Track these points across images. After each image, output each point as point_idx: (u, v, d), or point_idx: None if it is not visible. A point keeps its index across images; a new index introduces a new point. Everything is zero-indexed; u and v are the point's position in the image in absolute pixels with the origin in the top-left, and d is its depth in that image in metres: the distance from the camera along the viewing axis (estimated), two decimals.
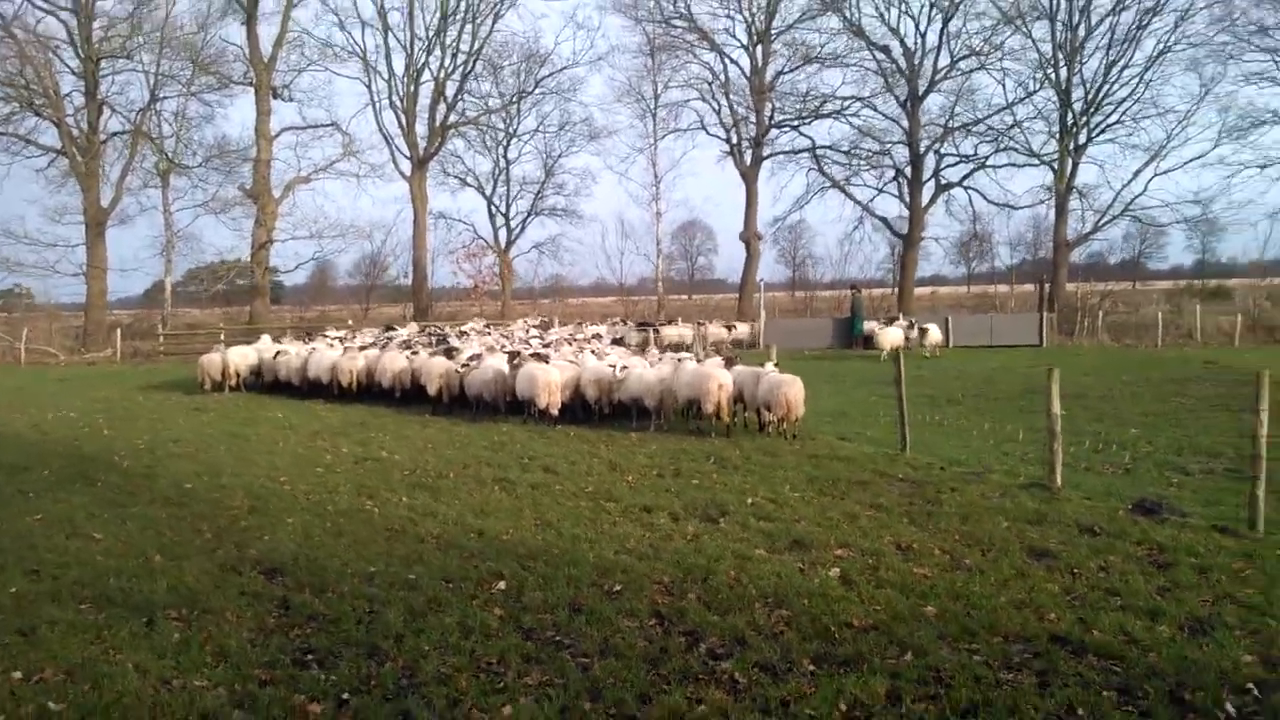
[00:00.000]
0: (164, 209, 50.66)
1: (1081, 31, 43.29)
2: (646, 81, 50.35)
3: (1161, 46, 42.04)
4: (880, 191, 50.48)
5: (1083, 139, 43.88)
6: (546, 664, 5.84)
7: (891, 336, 32.14)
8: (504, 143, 52.99)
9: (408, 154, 48.01)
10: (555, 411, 16.98)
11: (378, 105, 47.90)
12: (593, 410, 17.32)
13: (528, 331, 29.36)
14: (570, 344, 23.62)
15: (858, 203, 50.65)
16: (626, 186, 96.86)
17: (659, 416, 16.48)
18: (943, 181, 49.53)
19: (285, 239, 46.86)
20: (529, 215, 53.77)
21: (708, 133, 49.24)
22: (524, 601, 7.00)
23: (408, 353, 21.49)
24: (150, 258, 54.16)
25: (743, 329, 38.02)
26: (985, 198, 49.18)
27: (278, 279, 53.23)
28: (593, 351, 20.69)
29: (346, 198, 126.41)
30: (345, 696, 5.43)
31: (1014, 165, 47.65)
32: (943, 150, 48.62)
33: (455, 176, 53.30)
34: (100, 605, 7.09)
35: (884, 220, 50.58)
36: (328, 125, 47.43)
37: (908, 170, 48.10)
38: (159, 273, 51.10)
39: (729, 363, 16.85)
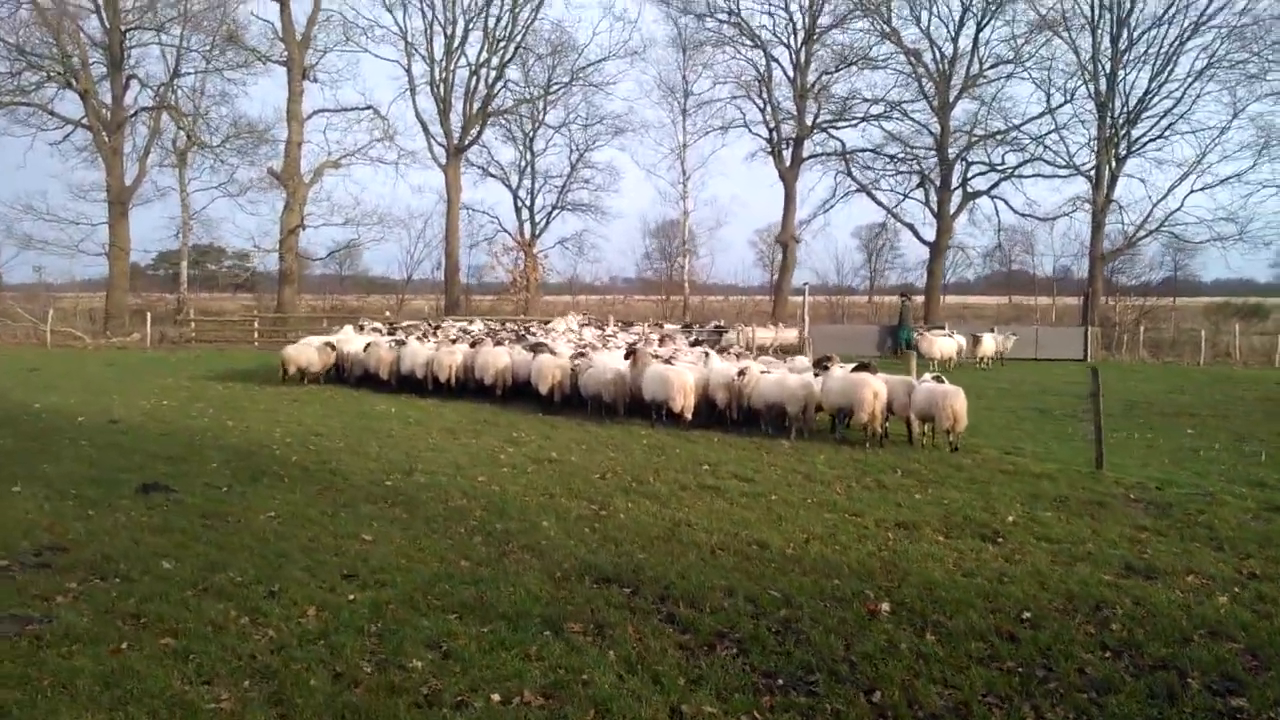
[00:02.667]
0: (180, 190, 49.86)
1: (1123, 44, 43.32)
2: (679, 76, 50.04)
3: (1200, 64, 42.17)
4: (906, 197, 50.52)
5: (1123, 151, 43.87)
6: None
7: (943, 346, 31.87)
8: (530, 134, 52.48)
9: (442, 141, 47.33)
10: (689, 415, 16.65)
11: (415, 89, 47.12)
12: (720, 415, 16.97)
13: (579, 329, 28.88)
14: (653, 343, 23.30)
15: (885, 208, 50.69)
16: (655, 184, 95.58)
17: (797, 425, 16.15)
18: (969, 190, 49.63)
19: (318, 224, 45.89)
20: (555, 209, 53.33)
21: (750, 131, 48.99)
22: (950, 628, 6.65)
23: (493, 348, 21.11)
24: (166, 239, 52.65)
25: (788, 333, 37.74)
26: (1011, 208, 49.37)
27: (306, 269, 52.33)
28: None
29: (373, 186, 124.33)
30: None
31: (1041, 176, 47.83)
32: (970, 159, 48.68)
33: (477, 166, 52.74)
34: (473, 615, 6.68)
35: (910, 226, 50.55)
36: (364, 108, 46.60)
37: (936, 177, 48.13)
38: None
39: (865, 368, 16.59)
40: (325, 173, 46.29)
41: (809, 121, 47.63)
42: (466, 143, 48.14)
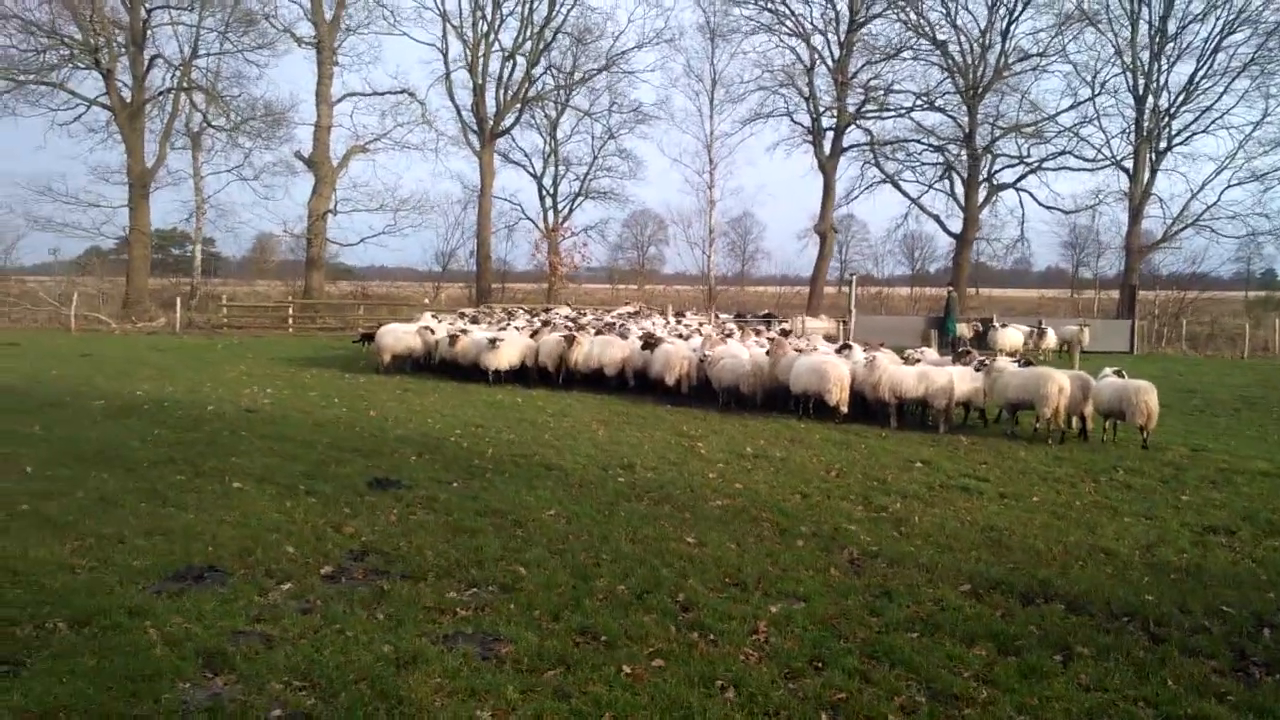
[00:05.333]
0: (194, 174, 48.62)
1: (1159, 38, 43.20)
2: (708, 65, 49.35)
3: (1239, 61, 42.12)
4: (930, 188, 50.26)
5: (1162, 144, 43.80)
6: None
7: (1012, 338, 31.58)
8: (555, 120, 51.58)
9: (475, 127, 46.29)
10: (845, 409, 16.13)
11: (450, 72, 46.03)
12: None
13: (628, 319, 28.17)
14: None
15: (910, 199, 50.34)
16: (683, 173, 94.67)
17: (944, 419, 15.66)
18: (996, 183, 49.50)
19: (349, 209, 44.75)
20: (578, 197, 52.50)
21: (792, 119, 48.31)
22: None
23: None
24: (181, 221, 51.24)
25: (828, 324, 37.29)
26: (1037, 200, 49.26)
27: (337, 258, 51.19)
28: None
29: (398, 172, 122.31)
30: None
31: (1069, 169, 47.77)
32: (996, 151, 48.48)
33: (499, 153, 51.76)
34: (986, 642, 6.12)
35: (936, 218, 50.32)
36: (399, 92, 45.41)
37: (963, 169, 47.92)
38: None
39: (1030, 364, 16.16)
40: (353, 158, 45.09)
41: (851, 110, 47.14)
42: (502, 128, 47.13)
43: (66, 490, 9.59)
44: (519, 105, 47.48)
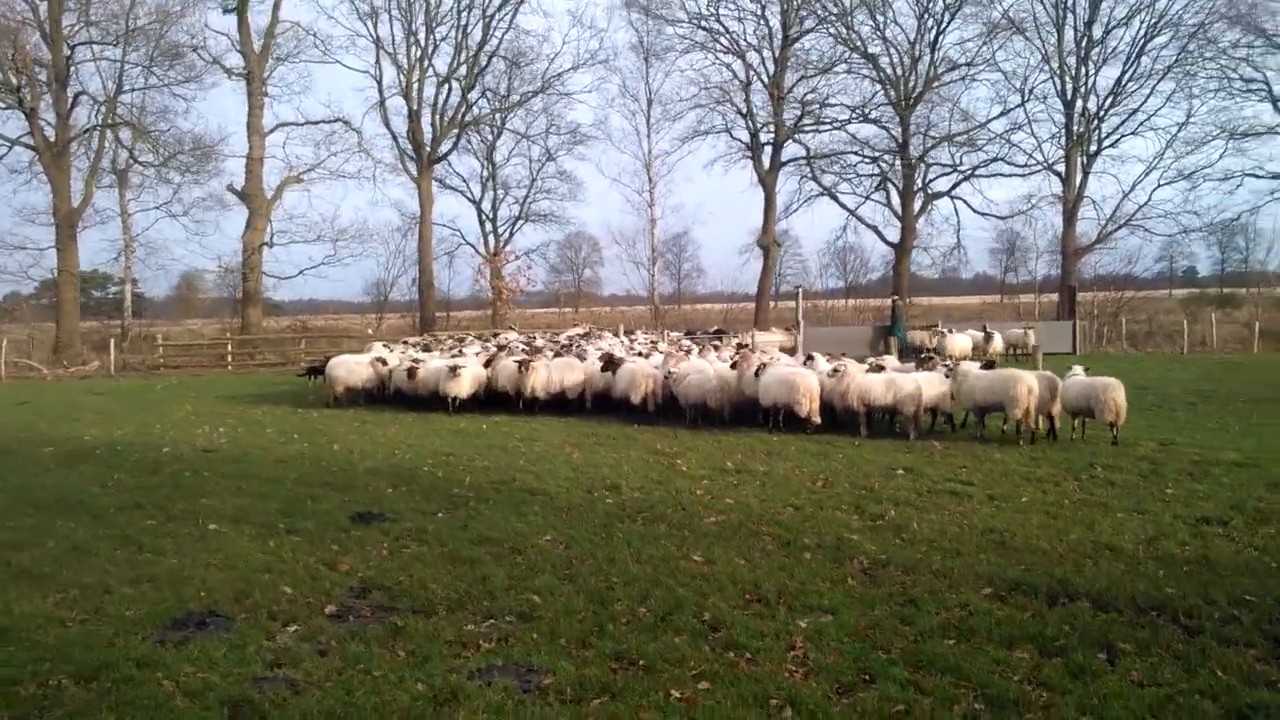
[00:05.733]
0: (121, 211, 47.60)
1: (1085, 43, 44.34)
2: (643, 84, 49.57)
3: (1162, 64, 43.39)
4: (867, 199, 50.87)
5: (1092, 147, 44.86)
6: None
7: (960, 343, 31.90)
8: (491, 144, 51.30)
9: (412, 153, 45.78)
10: (817, 420, 16.09)
11: (385, 99, 45.50)
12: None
13: (581, 340, 27.94)
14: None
15: (849, 210, 50.86)
16: (623, 192, 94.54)
17: (912, 425, 15.71)
18: (930, 191, 50.28)
19: (286, 241, 43.91)
20: (518, 220, 52.20)
21: (731, 135, 48.64)
22: None
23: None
24: (109, 261, 49.91)
25: (781, 337, 37.41)
26: (971, 207, 50.10)
27: (273, 292, 50.20)
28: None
29: (335, 202, 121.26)
30: None
31: (1001, 175, 48.71)
32: (930, 160, 49.29)
33: (436, 179, 51.26)
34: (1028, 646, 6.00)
35: (874, 228, 50.94)
36: (332, 121, 44.77)
37: (899, 179, 48.62)
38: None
39: (991, 366, 16.30)
40: (287, 189, 44.33)
41: (789, 124, 47.56)
42: (440, 154, 46.67)
43: (34, 540, 9.14)
44: (456, 130, 47.11)
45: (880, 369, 16.97)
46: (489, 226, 51.84)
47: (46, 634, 6.37)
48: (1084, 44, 44.54)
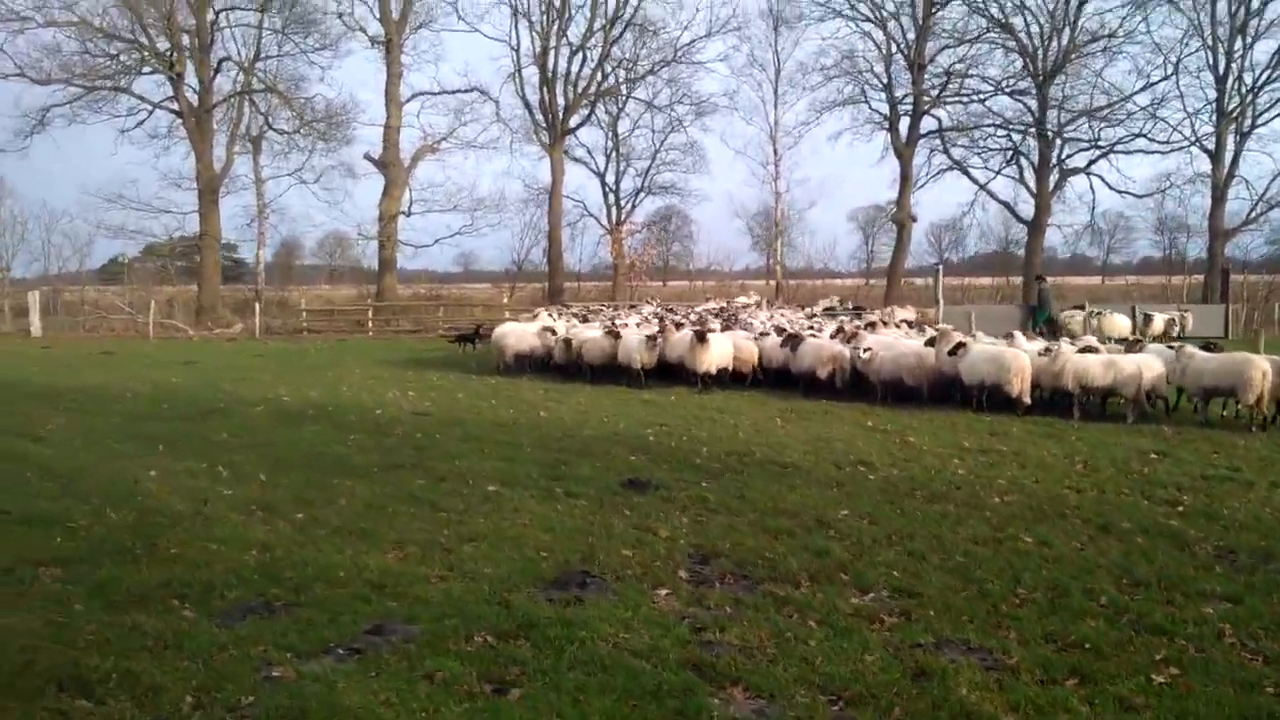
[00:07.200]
0: (255, 178, 48.55)
1: (1243, 13, 42.29)
2: (771, 54, 48.78)
3: None
4: (998, 174, 49.41)
5: (1246, 125, 42.92)
6: None
7: (1119, 325, 30.94)
8: (616, 115, 51.13)
9: (545, 124, 45.92)
10: (1028, 400, 15.64)
11: (521, 69, 45.64)
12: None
13: (726, 314, 27.61)
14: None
15: (979, 185, 49.45)
16: (749, 165, 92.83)
17: (1136, 409, 15.13)
18: (1066, 167, 48.59)
19: (423, 210, 44.47)
20: (640, 192, 52.08)
21: (870, 106, 47.56)
22: None
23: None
24: (243, 225, 51.01)
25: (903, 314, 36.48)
26: (1108, 184, 48.32)
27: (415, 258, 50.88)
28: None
29: (467, 172, 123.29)
30: None
31: (1144, 152, 46.85)
32: (1066, 135, 47.61)
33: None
34: None
35: (1007, 205, 49.52)
36: (468, 90, 45.11)
37: (1032, 155, 47.09)
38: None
39: (1210, 348, 15.65)
40: (424, 158, 44.87)
41: (927, 96, 46.41)
42: (572, 124, 46.72)
43: (324, 499, 9.26)
44: (588, 101, 47.04)
45: (1093, 350, 16.42)
46: (611, 199, 51.87)
47: (425, 590, 6.39)
48: (1239, 14, 42.50)
